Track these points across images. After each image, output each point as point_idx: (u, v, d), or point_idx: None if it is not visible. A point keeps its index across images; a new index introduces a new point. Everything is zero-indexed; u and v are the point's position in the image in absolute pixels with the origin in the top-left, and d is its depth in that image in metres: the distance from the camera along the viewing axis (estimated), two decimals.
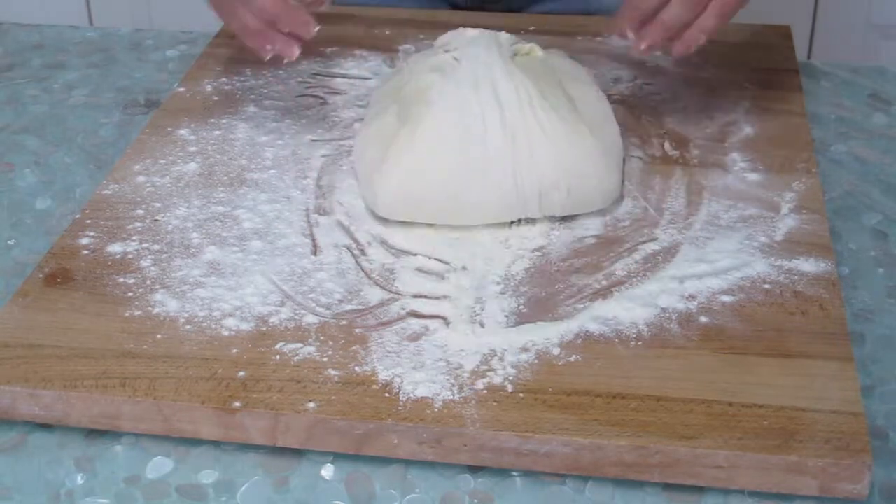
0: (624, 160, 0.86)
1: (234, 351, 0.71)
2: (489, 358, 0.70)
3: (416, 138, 0.81)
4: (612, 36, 1.03)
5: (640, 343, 0.71)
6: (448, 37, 0.91)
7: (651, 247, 0.79)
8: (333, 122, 0.95)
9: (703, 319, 0.72)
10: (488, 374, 0.69)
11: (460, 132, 0.81)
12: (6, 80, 1.07)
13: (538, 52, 0.89)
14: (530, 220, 0.82)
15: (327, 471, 0.67)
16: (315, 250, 0.79)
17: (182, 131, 0.93)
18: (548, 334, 0.72)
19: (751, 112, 0.94)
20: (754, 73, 0.99)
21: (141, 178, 0.87)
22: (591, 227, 0.81)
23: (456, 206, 0.80)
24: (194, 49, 1.10)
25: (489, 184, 0.80)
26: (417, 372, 0.69)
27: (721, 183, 0.86)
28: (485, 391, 0.67)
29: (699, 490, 0.65)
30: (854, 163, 0.92)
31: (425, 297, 0.75)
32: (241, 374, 0.69)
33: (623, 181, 0.85)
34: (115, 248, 0.80)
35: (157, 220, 0.82)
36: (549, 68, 0.87)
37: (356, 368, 0.69)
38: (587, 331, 0.72)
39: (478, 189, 0.80)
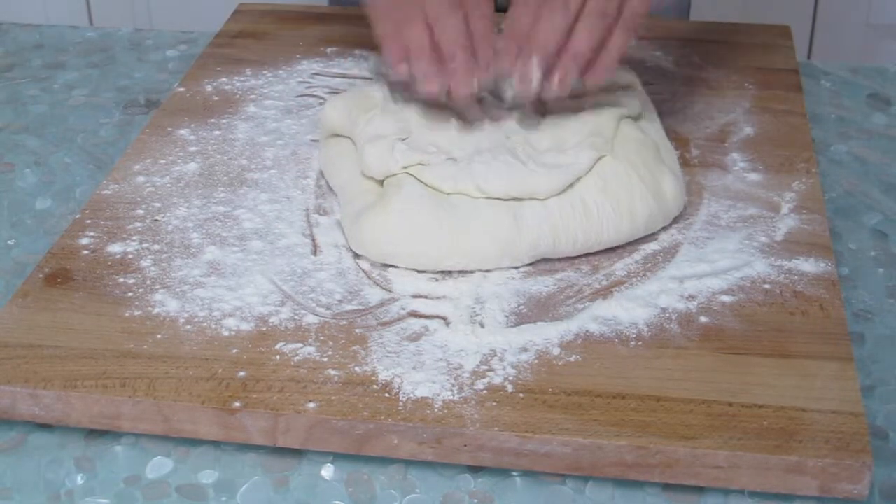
0: None
1: (234, 351, 0.71)
2: (489, 358, 0.70)
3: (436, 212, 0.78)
4: None
5: (640, 343, 0.71)
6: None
7: (651, 247, 0.79)
8: None
9: (703, 319, 0.72)
10: (488, 374, 0.69)
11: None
12: (6, 80, 1.07)
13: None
14: None
15: (327, 471, 0.67)
16: (315, 250, 0.80)
17: (182, 131, 0.93)
18: (548, 334, 0.72)
19: (751, 112, 0.94)
20: (754, 73, 1.00)
21: (141, 178, 0.87)
22: None
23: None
24: (194, 49, 1.10)
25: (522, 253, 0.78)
26: (417, 372, 0.69)
27: (721, 183, 0.86)
28: (485, 391, 0.67)
29: (699, 490, 0.65)
30: (854, 163, 0.92)
31: (425, 297, 0.75)
32: (241, 374, 0.69)
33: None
34: (115, 248, 0.80)
35: (157, 220, 0.82)
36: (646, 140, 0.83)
37: (356, 368, 0.69)
38: (587, 331, 0.72)
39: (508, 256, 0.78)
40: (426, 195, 0.78)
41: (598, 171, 0.79)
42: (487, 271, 0.77)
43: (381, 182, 0.81)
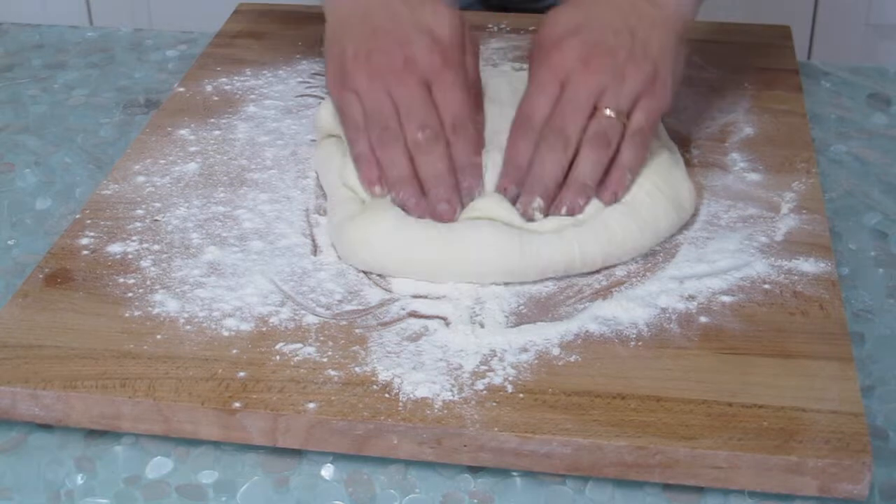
0: None
1: (234, 351, 0.71)
2: (489, 358, 0.70)
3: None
4: None
5: (640, 343, 0.71)
6: None
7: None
8: None
9: (703, 319, 0.72)
10: (488, 374, 0.69)
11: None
12: (6, 80, 1.07)
13: None
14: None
15: (327, 471, 0.67)
16: (315, 250, 0.79)
17: (182, 131, 0.93)
18: (548, 334, 0.72)
19: (751, 112, 0.94)
20: (754, 73, 0.99)
21: (141, 178, 0.87)
22: None
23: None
24: (194, 49, 1.10)
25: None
26: (417, 372, 0.69)
27: (721, 183, 0.86)
28: (485, 391, 0.67)
29: (699, 490, 0.65)
30: (854, 163, 0.92)
31: (425, 297, 0.75)
32: (241, 374, 0.69)
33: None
34: (115, 248, 0.80)
35: (157, 220, 0.82)
36: None
37: (356, 369, 0.69)
38: (587, 331, 0.72)
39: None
40: None
41: None
42: None
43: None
